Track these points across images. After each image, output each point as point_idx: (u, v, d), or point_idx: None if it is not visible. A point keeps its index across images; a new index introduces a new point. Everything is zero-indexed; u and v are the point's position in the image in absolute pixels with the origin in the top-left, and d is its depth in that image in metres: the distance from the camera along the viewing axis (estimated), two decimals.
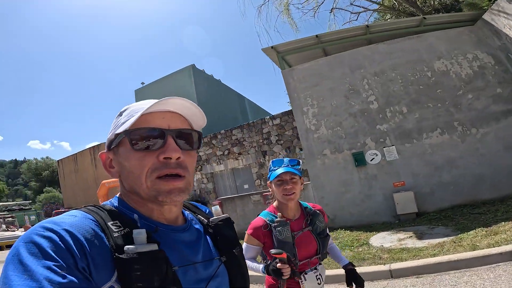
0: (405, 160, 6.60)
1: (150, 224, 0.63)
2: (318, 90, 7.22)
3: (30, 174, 62.12)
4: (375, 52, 7.19)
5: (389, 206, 6.41)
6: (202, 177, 14.77)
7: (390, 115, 6.92)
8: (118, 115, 0.69)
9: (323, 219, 1.62)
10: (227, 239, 0.76)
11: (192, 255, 0.66)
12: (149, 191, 0.61)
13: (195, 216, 0.80)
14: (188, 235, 0.69)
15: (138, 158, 0.61)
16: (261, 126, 13.00)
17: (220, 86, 20.90)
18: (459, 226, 4.46)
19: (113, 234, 0.56)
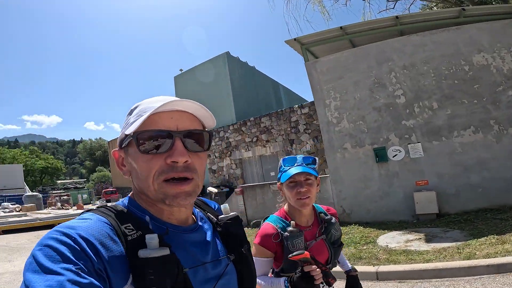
0: (431, 158, 6.31)
1: (161, 226, 0.64)
2: (342, 83, 7.07)
3: (85, 153, 68.06)
4: (406, 44, 6.80)
5: (408, 205, 6.24)
6: (231, 163, 15.28)
7: (418, 111, 6.59)
8: (128, 113, 0.69)
9: (339, 227, 1.42)
10: (236, 237, 0.77)
11: (201, 255, 0.67)
12: (156, 193, 0.61)
13: (204, 214, 0.80)
14: (198, 235, 0.70)
15: (146, 160, 0.61)
16: (289, 115, 13.01)
17: (255, 72, 20.98)
18: (474, 231, 4.28)
19: (127, 238, 0.57)
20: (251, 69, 20.67)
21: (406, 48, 6.81)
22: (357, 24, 7.00)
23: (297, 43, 7.15)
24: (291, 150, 12.63)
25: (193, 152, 0.64)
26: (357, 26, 7.06)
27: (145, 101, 0.67)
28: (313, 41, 7.30)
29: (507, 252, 3.13)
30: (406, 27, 7.25)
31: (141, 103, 0.67)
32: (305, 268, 1.07)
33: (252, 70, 20.74)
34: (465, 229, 4.48)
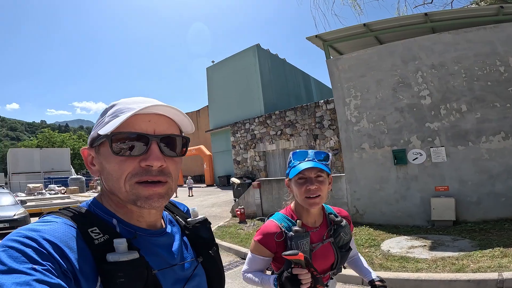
0: (454, 163, 6.02)
1: (129, 229, 0.63)
2: (364, 81, 6.89)
3: None
4: (437, 42, 6.43)
5: (425, 210, 6.04)
6: (255, 155, 15.55)
7: (444, 113, 6.27)
8: (103, 112, 0.67)
9: (349, 230, 1.29)
10: (204, 240, 0.78)
11: (170, 258, 0.67)
12: (128, 195, 0.60)
13: (173, 216, 0.80)
14: (166, 239, 0.70)
15: (119, 162, 0.60)
16: (314, 110, 12.91)
17: (285, 65, 20.85)
18: (484, 241, 4.12)
19: (93, 241, 0.56)
20: (281, 61, 20.58)
21: (436, 46, 6.46)
22: (382, 21, 6.73)
23: (319, 40, 7.06)
24: (314, 145, 12.52)
25: (168, 156, 0.63)
26: (382, 23, 6.79)
27: (122, 101, 0.66)
28: (335, 37, 7.16)
29: (501, 267, 3.01)
30: (437, 24, 6.85)
31: (118, 103, 0.66)
32: (294, 270, 1.01)
33: (282, 62, 20.64)
34: (476, 239, 4.31)
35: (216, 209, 10.76)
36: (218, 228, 7.11)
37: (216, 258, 0.79)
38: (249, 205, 8.36)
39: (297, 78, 22.08)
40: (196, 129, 29.67)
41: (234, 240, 5.74)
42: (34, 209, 11.62)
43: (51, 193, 18.12)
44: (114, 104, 0.66)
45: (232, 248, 5.33)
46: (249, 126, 16.03)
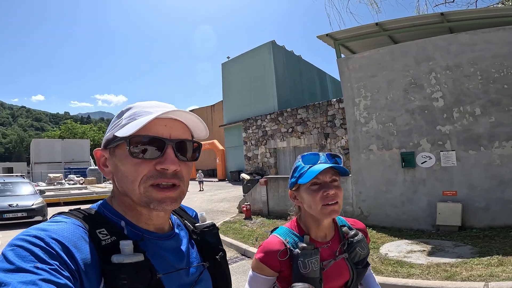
0: (464, 168, 5.86)
1: (136, 232, 0.64)
2: (375, 81, 6.78)
3: None
4: (453, 42, 6.23)
5: (431, 214, 5.93)
6: (265, 151, 15.60)
7: (457, 116, 6.10)
8: (119, 114, 0.68)
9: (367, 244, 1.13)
10: (211, 245, 0.77)
11: (176, 262, 0.67)
12: (141, 197, 0.62)
13: (181, 221, 0.80)
14: (173, 242, 0.70)
15: (135, 164, 0.61)
16: (326, 108, 12.79)
17: (300, 62, 20.67)
18: (485, 248, 4.05)
19: (101, 242, 0.56)
20: (297, 58, 20.42)
21: (451, 47, 6.26)
22: (396, 20, 6.58)
23: (329, 39, 6.98)
24: (325, 144, 12.42)
25: (182, 161, 0.65)
26: (396, 23, 6.63)
27: (138, 104, 0.67)
28: (347, 36, 7.06)
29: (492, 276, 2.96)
30: (455, 24, 6.63)
31: (134, 106, 0.67)
32: None
33: (298, 59, 20.48)
34: (477, 246, 4.24)
35: (225, 204, 10.92)
36: (223, 223, 7.25)
37: (223, 264, 0.78)
38: (256, 202, 8.45)
39: (312, 75, 21.87)
40: (210, 123, 29.97)
41: (237, 236, 5.85)
42: (52, 199, 12.05)
43: (70, 183, 18.74)
44: (130, 107, 0.67)
45: (234, 244, 5.44)
46: (260, 123, 16.08)
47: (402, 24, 6.64)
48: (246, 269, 4.38)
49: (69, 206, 11.64)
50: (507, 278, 2.95)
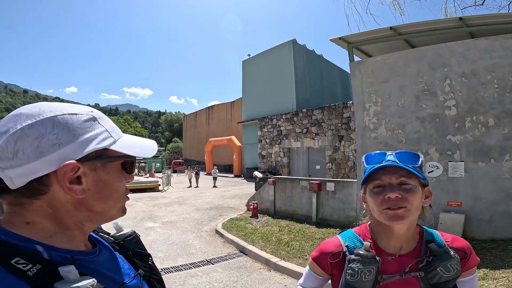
0: (471, 180, 5.75)
1: (62, 255, 0.55)
2: (386, 86, 6.73)
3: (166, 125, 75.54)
4: (471, 48, 6.05)
5: (433, 224, 5.87)
6: (279, 151, 15.70)
7: (469, 126, 5.96)
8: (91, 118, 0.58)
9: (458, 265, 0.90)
10: (138, 253, 0.77)
11: (116, 276, 0.64)
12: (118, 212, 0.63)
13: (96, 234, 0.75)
14: (104, 258, 0.65)
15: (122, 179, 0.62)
16: (342, 110, 12.68)
17: (322, 61, 20.48)
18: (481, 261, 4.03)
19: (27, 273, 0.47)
20: (318, 57, 20.25)
21: (469, 53, 6.09)
22: (411, 24, 6.47)
23: (343, 42, 6.98)
24: (338, 146, 12.35)
25: None
26: (412, 27, 6.53)
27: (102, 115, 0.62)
28: (361, 40, 7.03)
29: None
30: (476, 29, 6.43)
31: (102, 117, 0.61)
32: None
33: (319, 58, 20.31)
34: None
35: (236, 201, 11.18)
36: (230, 220, 7.50)
37: (154, 268, 0.78)
38: (263, 201, 8.64)
39: (334, 75, 21.61)
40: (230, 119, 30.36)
41: (239, 234, 6.07)
42: None
43: None
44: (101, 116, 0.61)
45: (234, 240, 5.66)
46: (276, 122, 16.18)
47: (418, 29, 6.53)
48: (241, 266, 4.59)
49: None
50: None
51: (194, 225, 7.32)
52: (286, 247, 5.15)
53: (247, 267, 4.53)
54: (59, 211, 0.56)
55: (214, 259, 4.87)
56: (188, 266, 4.53)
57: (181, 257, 4.98)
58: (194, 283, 3.89)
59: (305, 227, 6.57)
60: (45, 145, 0.51)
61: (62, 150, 0.52)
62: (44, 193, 0.54)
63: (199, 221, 7.84)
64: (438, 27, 6.58)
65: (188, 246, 5.59)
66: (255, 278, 4.09)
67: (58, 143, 0.52)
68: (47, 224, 0.56)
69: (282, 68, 18.65)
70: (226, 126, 30.99)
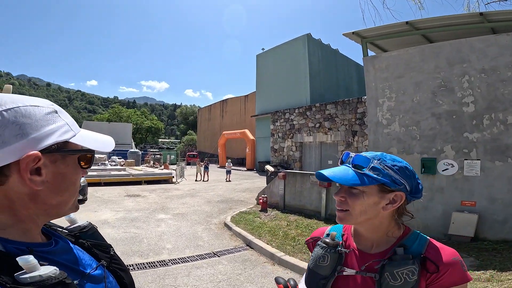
0: (487, 179, 5.55)
1: (17, 247, 0.54)
2: (401, 82, 6.54)
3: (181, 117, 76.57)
4: (492, 44, 5.79)
5: (444, 223, 5.73)
6: (291, 145, 15.62)
7: (488, 124, 5.74)
8: (52, 111, 0.59)
9: (411, 277, 0.80)
10: (97, 244, 0.75)
11: (77, 267, 0.62)
12: (72, 206, 0.62)
13: (48, 228, 0.72)
14: (61, 249, 0.64)
15: (79, 173, 0.62)
16: (356, 105, 12.45)
17: (337, 56, 20.10)
18: (486, 262, 3.95)
19: None
20: (333, 52, 19.89)
21: (489, 49, 5.83)
22: (429, 19, 6.23)
23: (356, 37, 6.82)
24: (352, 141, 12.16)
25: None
26: (429, 22, 6.29)
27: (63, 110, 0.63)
28: (375, 35, 6.84)
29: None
30: (498, 25, 6.13)
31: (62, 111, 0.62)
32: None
33: (334, 53, 19.95)
34: (480, 258, 4.13)
35: (247, 194, 11.25)
36: (239, 213, 7.57)
37: (117, 258, 0.76)
38: (273, 195, 8.65)
39: (350, 70, 21.18)
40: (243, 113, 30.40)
41: (247, 227, 6.13)
42: (93, 179, 13.09)
43: (112, 164, 20.13)
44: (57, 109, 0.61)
45: (242, 234, 5.72)
46: (288, 116, 16.07)
47: (436, 24, 6.29)
48: (246, 259, 4.64)
49: (107, 186, 12.93)
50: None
51: (204, 218, 7.44)
52: (292, 242, 5.16)
53: (252, 260, 4.58)
54: (14, 203, 0.55)
55: (220, 251, 4.95)
56: (195, 258, 4.62)
57: (189, 248, 5.09)
58: (199, 274, 3.97)
59: (313, 222, 6.55)
60: (8, 135, 0.51)
61: (24, 140, 0.52)
62: (2, 184, 0.53)
63: (209, 213, 7.95)
64: (457, 22, 6.31)
65: (197, 238, 5.69)
66: (259, 271, 4.14)
67: (21, 133, 0.52)
68: (0, 216, 0.55)
69: (296, 63, 18.44)
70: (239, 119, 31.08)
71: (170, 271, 4.09)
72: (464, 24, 6.31)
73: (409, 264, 0.82)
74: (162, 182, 15.21)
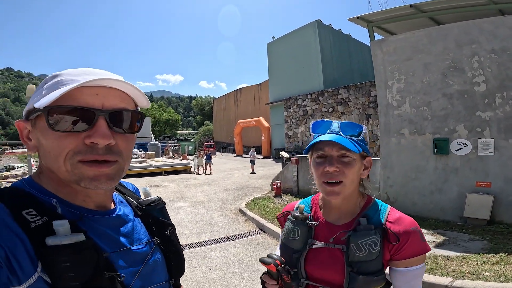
0: (502, 158, 5.49)
1: (73, 211, 0.58)
2: (410, 64, 6.47)
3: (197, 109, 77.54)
4: (501, 25, 5.63)
5: (460, 205, 5.73)
6: (305, 130, 15.65)
7: (500, 102, 5.63)
8: (42, 82, 0.60)
9: (374, 247, 0.83)
10: (159, 220, 0.74)
11: (123, 240, 0.63)
12: (69, 175, 0.55)
13: (124, 197, 0.76)
14: (117, 220, 0.66)
15: (58, 138, 0.54)
16: (369, 89, 12.29)
17: (350, 41, 19.67)
18: (498, 245, 3.93)
19: (29, 225, 0.51)
20: (345, 37, 19.49)
21: (498, 30, 5.68)
22: (434, 1, 6.07)
23: (362, 21, 6.75)
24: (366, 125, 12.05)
25: (119, 133, 0.59)
26: (434, 4, 6.15)
27: (65, 72, 0.60)
28: (381, 19, 6.74)
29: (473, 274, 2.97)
30: (505, 6, 5.94)
31: (61, 74, 0.59)
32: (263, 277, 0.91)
33: (346, 38, 19.55)
34: (493, 242, 4.12)
35: (263, 181, 11.51)
36: (253, 199, 7.84)
37: (173, 238, 0.75)
38: (287, 180, 8.84)
39: (364, 55, 20.66)
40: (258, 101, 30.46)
41: (260, 212, 6.38)
42: None
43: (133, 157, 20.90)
44: (56, 74, 0.59)
45: (255, 219, 5.99)
46: (301, 102, 16.06)
47: (441, 6, 6.15)
48: (258, 242, 4.91)
49: (129, 178, 13.46)
50: (485, 277, 2.95)
51: (220, 205, 7.77)
52: None
53: (264, 243, 4.84)
54: (42, 166, 0.61)
55: (234, 235, 5.24)
56: (210, 242, 4.94)
57: (205, 233, 5.42)
58: (213, 257, 4.29)
59: None
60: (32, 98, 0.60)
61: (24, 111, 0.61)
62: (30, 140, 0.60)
63: (225, 200, 8.28)
64: (463, 4, 6.14)
65: (213, 224, 6.02)
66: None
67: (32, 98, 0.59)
68: (50, 176, 0.60)
69: (307, 49, 18.22)
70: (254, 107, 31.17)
71: (186, 254, 4.41)
72: (471, 6, 6.14)
73: (372, 235, 0.84)
74: (181, 172, 15.73)
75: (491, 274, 3.03)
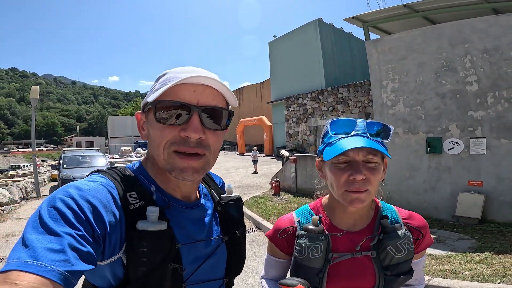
0: (494, 157, 5.60)
1: (164, 198, 0.65)
2: (404, 64, 6.59)
3: None
4: (493, 24, 5.73)
5: (453, 204, 5.85)
6: (305, 129, 15.79)
7: (492, 102, 5.74)
8: (157, 79, 0.68)
9: (410, 246, 0.82)
10: (233, 219, 0.77)
11: (197, 233, 0.67)
12: (165, 163, 0.62)
13: (209, 190, 0.80)
14: (198, 213, 0.70)
15: (160, 128, 0.62)
16: (368, 88, 12.36)
17: (351, 39, 19.68)
18: (486, 244, 4.01)
19: (129, 206, 0.58)
20: (347, 36, 19.52)
21: (491, 29, 5.77)
22: (428, 1, 6.18)
23: (357, 21, 6.87)
24: None
25: (209, 129, 0.64)
26: (427, 4, 6.25)
27: (173, 70, 0.67)
28: (376, 18, 6.86)
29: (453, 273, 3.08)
30: (498, 5, 6.02)
31: (170, 71, 0.66)
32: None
33: (348, 37, 19.56)
34: (481, 240, 4.22)
35: (263, 179, 11.62)
36: (252, 197, 7.99)
37: (241, 239, 0.78)
38: (286, 179, 8.99)
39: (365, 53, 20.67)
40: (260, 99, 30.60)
41: (258, 210, 6.55)
42: None
43: (137, 156, 21.06)
44: (166, 72, 0.67)
45: (252, 216, 6.15)
46: (301, 101, 16.20)
47: (435, 5, 6.25)
48: (254, 240, 5.07)
49: None
50: (462, 277, 3.03)
51: None
52: None
53: (259, 240, 5.02)
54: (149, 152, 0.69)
55: None
56: None
57: None
58: None
59: None
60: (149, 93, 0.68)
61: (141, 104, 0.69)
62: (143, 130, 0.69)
63: None
64: (457, 3, 6.24)
65: None
66: (263, 250, 4.52)
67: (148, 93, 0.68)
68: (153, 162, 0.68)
69: (308, 48, 18.28)
70: (256, 106, 31.30)
71: None
72: (465, 5, 6.23)
73: (406, 234, 0.82)
74: None
75: (470, 274, 3.12)
